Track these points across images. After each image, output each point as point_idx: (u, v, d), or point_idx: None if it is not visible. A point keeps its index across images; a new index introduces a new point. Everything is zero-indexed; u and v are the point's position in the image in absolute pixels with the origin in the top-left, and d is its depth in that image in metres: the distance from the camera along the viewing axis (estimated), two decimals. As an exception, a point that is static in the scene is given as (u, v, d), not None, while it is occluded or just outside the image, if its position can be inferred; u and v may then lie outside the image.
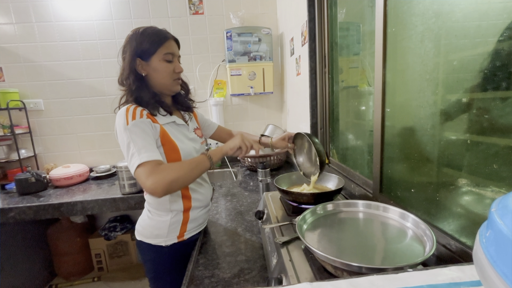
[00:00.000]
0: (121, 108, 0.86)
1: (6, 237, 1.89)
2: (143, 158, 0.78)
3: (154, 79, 0.90)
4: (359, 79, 1.15)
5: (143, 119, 0.83)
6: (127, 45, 0.87)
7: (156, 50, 0.87)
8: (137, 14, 2.09)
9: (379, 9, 0.84)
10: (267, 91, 2.15)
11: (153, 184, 0.76)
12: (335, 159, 1.38)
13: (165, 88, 0.93)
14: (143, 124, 0.82)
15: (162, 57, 0.88)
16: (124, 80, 0.88)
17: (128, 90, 0.88)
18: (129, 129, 0.80)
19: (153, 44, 0.86)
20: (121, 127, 0.81)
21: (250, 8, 2.15)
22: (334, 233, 0.64)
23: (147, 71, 0.89)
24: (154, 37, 0.87)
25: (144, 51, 0.86)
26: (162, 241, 0.92)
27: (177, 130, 0.93)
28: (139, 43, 0.86)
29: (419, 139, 0.75)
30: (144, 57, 0.87)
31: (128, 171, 1.65)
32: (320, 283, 0.35)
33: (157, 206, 0.94)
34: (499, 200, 0.26)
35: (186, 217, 0.95)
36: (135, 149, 0.78)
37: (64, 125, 2.18)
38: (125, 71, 0.87)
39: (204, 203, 1.01)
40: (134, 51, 0.86)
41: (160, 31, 0.89)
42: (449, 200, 0.66)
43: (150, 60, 0.87)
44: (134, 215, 2.42)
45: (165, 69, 0.89)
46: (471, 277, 0.34)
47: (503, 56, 0.50)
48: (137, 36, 0.86)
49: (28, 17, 2.02)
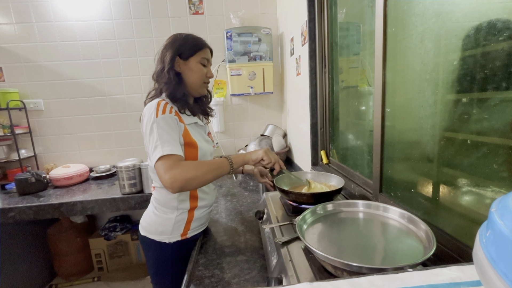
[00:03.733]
0: (152, 101, 0.90)
1: (6, 237, 1.89)
2: (165, 151, 0.80)
3: (188, 78, 0.96)
4: (359, 79, 1.15)
5: (171, 115, 0.87)
6: (169, 45, 0.94)
7: (195, 53, 0.95)
8: (137, 14, 2.09)
9: (379, 9, 0.84)
10: (267, 91, 2.15)
11: (171, 178, 0.77)
12: (335, 159, 1.38)
13: (194, 89, 0.99)
14: (171, 120, 0.86)
15: (199, 60, 0.96)
16: (162, 75, 0.93)
17: (166, 83, 0.93)
18: (157, 122, 0.83)
19: (194, 47, 0.95)
20: (150, 118, 0.85)
21: (250, 8, 2.15)
22: (334, 233, 0.64)
23: (183, 70, 0.95)
24: (196, 41, 0.97)
25: (185, 51, 0.94)
26: (166, 238, 0.95)
27: (197, 131, 0.98)
28: (182, 44, 0.94)
29: (419, 139, 0.75)
30: (184, 56, 0.94)
31: (128, 171, 1.66)
32: (320, 283, 0.35)
33: (165, 203, 0.95)
34: (499, 200, 0.26)
35: (191, 216, 0.97)
36: (159, 142, 0.81)
37: (64, 125, 2.18)
38: (164, 67, 0.93)
39: (210, 204, 1.04)
40: (176, 50, 0.93)
41: (201, 39, 0.99)
42: (449, 200, 0.66)
43: (189, 60, 0.95)
44: (134, 215, 2.42)
45: (199, 71, 0.96)
46: (471, 277, 0.34)
47: (503, 56, 0.50)
48: (180, 38, 0.95)
49: (28, 17, 2.01)
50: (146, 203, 1.67)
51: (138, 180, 1.70)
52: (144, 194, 1.69)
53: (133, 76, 2.17)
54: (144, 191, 1.71)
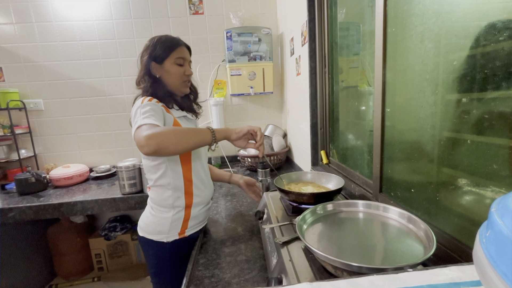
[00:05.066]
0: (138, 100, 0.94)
1: (6, 237, 1.89)
2: (145, 121, 0.81)
3: (166, 80, 0.98)
4: (359, 79, 1.15)
5: (158, 104, 0.91)
6: (145, 51, 0.97)
7: (168, 55, 0.96)
8: (137, 14, 2.09)
9: (379, 9, 0.84)
10: (267, 91, 2.15)
11: (146, 136, 0.75)
12: (335, 159, 1.38)
13: (176, 89, 1.00)
14: (156, 106, 0.88)
15: (174, 60, 0.97)
16: (141, 80, 0.99)
17: (144, 89, 0.97)
18: (142, 106, 0.86)
19: (166, 49, 0.96)
20: (136, 107, 0.87)
21: (250, 8, 2.15)
22: (334, 233, 0.64)
23: (160, 73, 0.98)
24: (168, 43, 0.97)
25: (159, 55, 0.96)
26: (164, 238, 0.95)
27: (187, 124, 1.01)
28: (154, 48, 0.96)
29: (419, 139, 0.75)
30: (158, 60, 0.96)
31: (128, 171, 1.66)
32: (320, 283, 0.35)
33: (160, 202, 0.96)
34: (499, 200, 0.26)
35: (188, 214, 0.97)
36: (140, 118, 0.82)
37: (64, 125, 2.18)
38: (141, 73, 0.98)
39: (206, 200, 1.04)
40: (150, 55, 0.96)
41: (173, 39, 0.99)
42: (449, 200, 0.66)
43: (163, 63, 0.97)
44: (134, 215, 2.42)
45: (176, 72, 0.98)
46: (471, 277, 0.34)
47: (503, 56, 0.50)
48: (153, 43, 0.97)
49: (28, 17, 2.01)
50: (146, 203, 1.66)
51: (138, 180, 1.70)
52: (144, 194, 1.69)
53: (133, 76, 2.14)
54: (144, 191, 1.71)
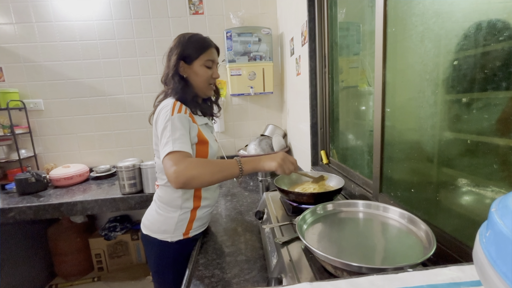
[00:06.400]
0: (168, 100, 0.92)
1: (6, 237, 1.89)
2: (176, 147, 0.81)
3: (193, 81, 0.97)
4: (359, 79, 1.15)
5: (186, 115, 0.90)
6: (174, 49, 0.95)
7: (198, 56, 0.95)
8: (137, 14, 2.08)
9: (379, 9, 0.84)
10: (267, 91, 2.15)
11: (176, 172, 0.78)
12: (335, 159, 1.38)
13: (201, 91, 1.00)
14: (185, 120, 0.88)
15: (203, 63, 0.96)
16: (168, 80, 0.96)
17: (174, 90, 0.94)
18: (172, 120, 0.85)
19: (197, 51, 0.95)
20: (166, 116, 0.86)
21: (250, 8, 2.15)
22: (334, 233, 0.64)
23: (188, 74, 0.96)
24: (199, 44, 0.96)
25: (188, 55, 0.94)
26: (168, 237, 0.95)
27: (207, 131, 1.01)
28: (185, 48, 0.94)
29: (419, 139, 0.75)
30: (187, 61, 0.95)
31: (128, 171, 1.66)
32: (320, 283, 0.35)
33: (169, 202, 0.96)
34: (499, 200, 0.26)
35: (194, 215, 0.98)
36: (171, 139, 0.83)
37: (64, 125, 2.18)
38: (169, 72, 0.95)
39: (212, 204, 1.05)
40: (179, 55, 0.93)
41: (205, 39, 0.98)
42: (449, 200, 0.66)
43: (192, 64, 0.96)
44: (134, 215, 2.42)
45: (204, 74, 0.97)
46: (471, 277, 0.34)
47: (503, 56, 0.50)
48: (184, 41, 0.95)
49: (28, 17, 2.01)
50: (146, 203, 1.67)
51: (138, 180, 1.70)
52: (144, 194, 1.69)
53: (133, 76, 2.17)
54: (144, 191, 1.71)
